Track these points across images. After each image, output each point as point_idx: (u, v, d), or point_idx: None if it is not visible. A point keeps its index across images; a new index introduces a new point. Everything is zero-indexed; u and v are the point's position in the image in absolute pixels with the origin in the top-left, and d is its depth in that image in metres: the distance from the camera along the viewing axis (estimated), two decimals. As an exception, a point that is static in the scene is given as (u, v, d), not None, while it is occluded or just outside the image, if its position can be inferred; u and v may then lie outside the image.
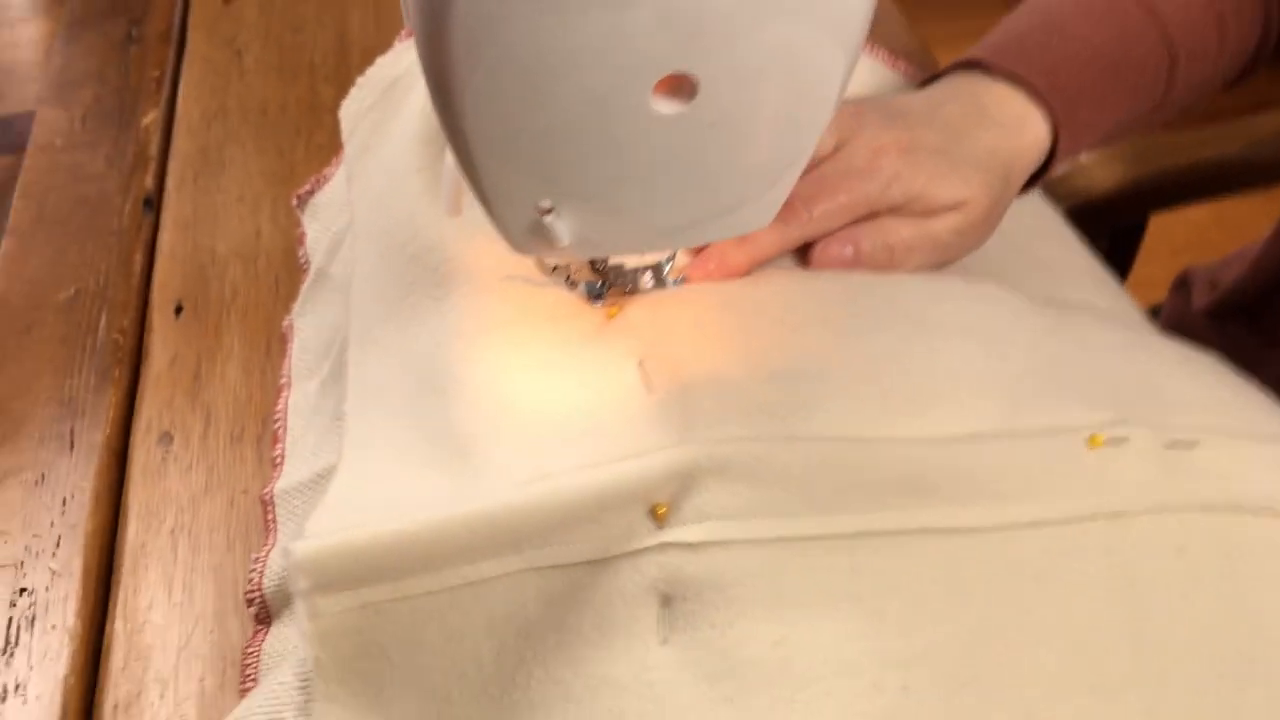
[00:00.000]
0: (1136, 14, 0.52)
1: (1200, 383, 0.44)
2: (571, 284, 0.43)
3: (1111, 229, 0.89)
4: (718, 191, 0.33)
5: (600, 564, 0.35)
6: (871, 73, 0.59)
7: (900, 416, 0.37)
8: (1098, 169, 0.84)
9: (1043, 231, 0.55)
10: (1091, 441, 0.38)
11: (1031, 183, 0.51)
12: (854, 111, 0.47)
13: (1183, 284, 0.75)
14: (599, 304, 0.42)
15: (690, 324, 0.40)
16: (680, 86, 0.29)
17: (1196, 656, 0.36)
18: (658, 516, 0.35)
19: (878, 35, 0.70)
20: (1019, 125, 0.48)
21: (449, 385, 0.41)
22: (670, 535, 0.34)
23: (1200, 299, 0.68)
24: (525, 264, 0.42)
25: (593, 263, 0.41)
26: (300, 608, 0.34)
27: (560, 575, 0.35)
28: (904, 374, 0.39)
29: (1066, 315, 0.45)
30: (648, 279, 0.43)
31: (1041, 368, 0.41)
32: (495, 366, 0.40)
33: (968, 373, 0.39)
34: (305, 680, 0.37)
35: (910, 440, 0.36)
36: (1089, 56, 0.50)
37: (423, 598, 0.35)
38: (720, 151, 0.31)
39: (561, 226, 0.32)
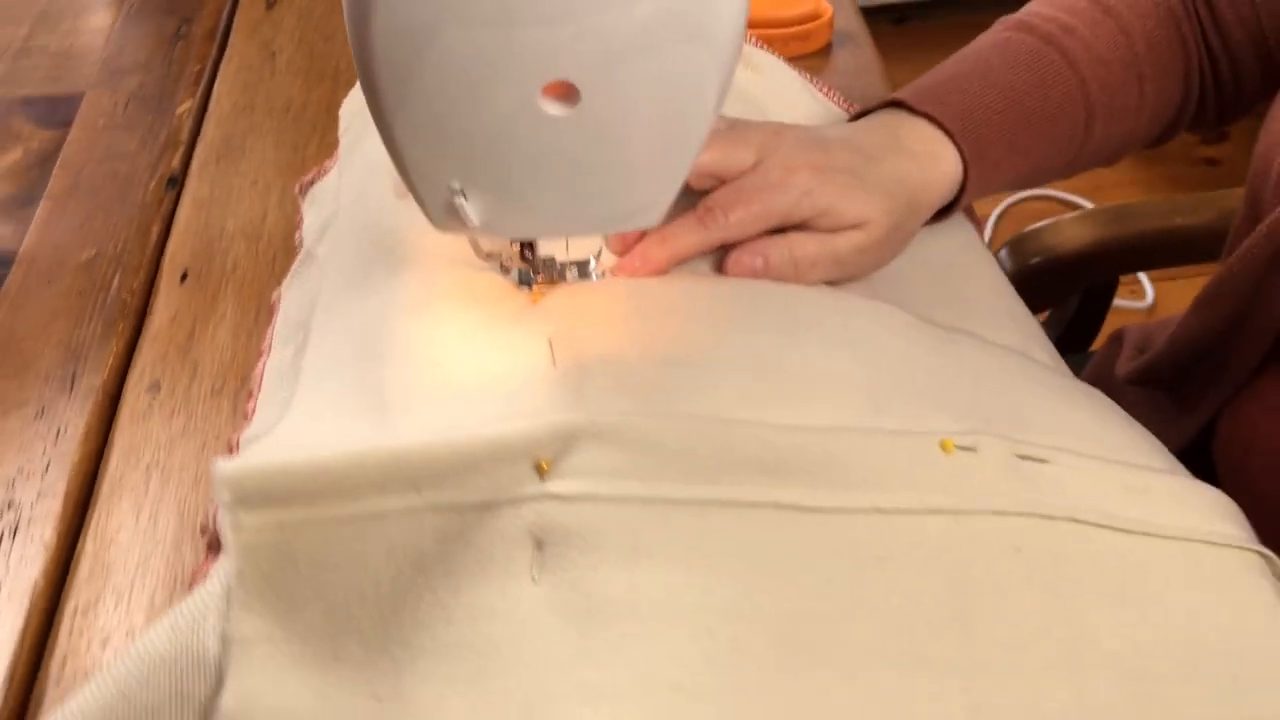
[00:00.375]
0: (1059, 68, 0.56)
1: (1071, 411, 0.47)
2: (504, 270, 0.48)
3: (1083, 286, 0.93)
4: (603, 188, 0.38)
5: (487, 508, 0.39)
6: (826, 114, 0.64)
7: (769, 406, 0.42)
8: (1070, 228, 0.88)
9: (971, 272, 0.59)
10: (944, 446, 0.42)
11: (942, 214, 0.56)
12: (775, 131, 0.52)
13: (1115, 340, 0.78)
14: (527, 290, 0.48)
15: (600, 312, 0.45)
16: (567, 92, 0.35)
17: (1019, 649, 0.39)
18: (541, 471, 0.39)
19: (860, 92, 0.75)
20: (931, 159, 0.53)
21: (386, 350, 0.46)
22: (548, 487, 0.39)
23: (1124, 364, 0.71)
24: (467, 250, 0.48)
25: (523, 253, 0.47)
26: (225, 520, 0.40)
27: (453, 515, 0.40)
28: (779, 370, 0.43)
29: (954, 339, 0.50)
30: (574, 273, 0.48)
31: (911, 379, 0.45)
32: (425, 336, 0.46)
33: (838, 375, 0.44)
34: (228, 590, 0.42)
35: (773, 426, 0.41)
36: (1005, 104, 0.54)
37: (332, 523, 0.40)
38: (602, 152, 0.36)
39: (470, 208, 0.38)
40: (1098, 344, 0.97)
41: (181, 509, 0.53)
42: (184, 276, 0.64)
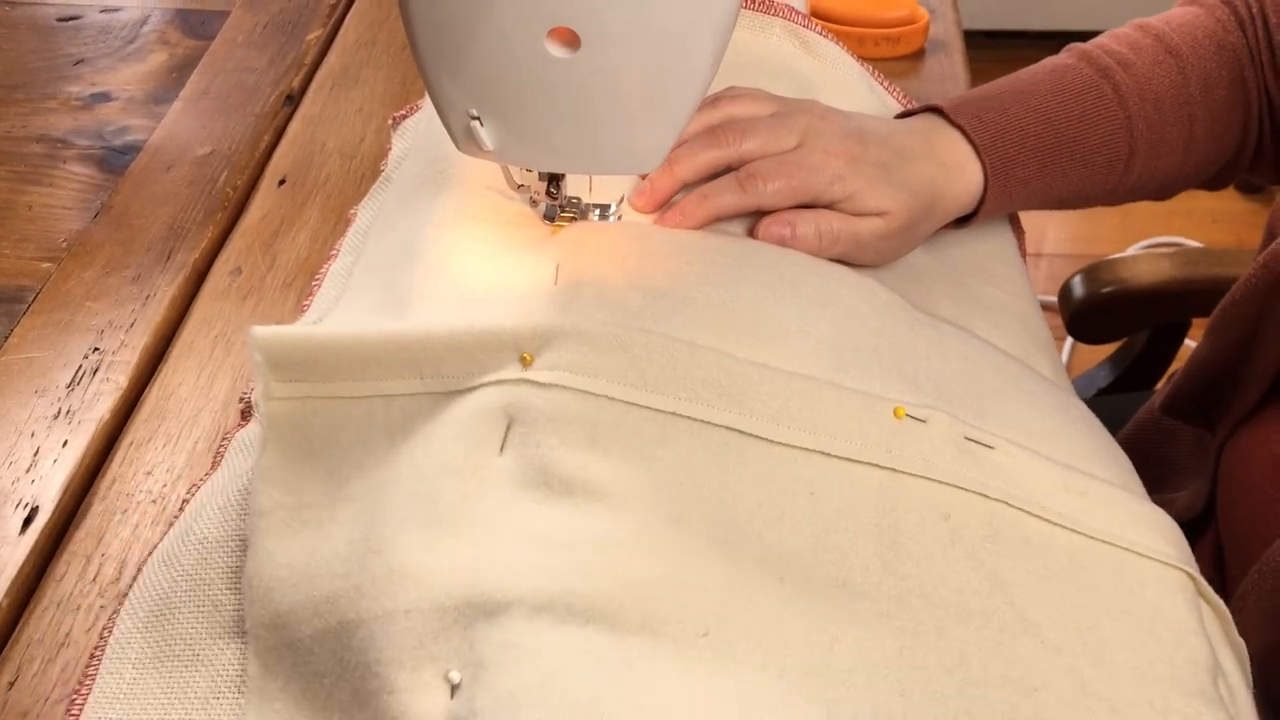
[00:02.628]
0: (1107, 102, 0.58)
1: (1034, 412, 0.50)
2: (533, 203, 0.53)
3: (1153, 322, 0.92)
4: (601, 130, 0.42)
5: (474, 390, 0.44)
6: (880, 106, 0.67)
7: (739, 342, 0.46)
8: (1146, 263, 0.88)
9: (993, 277, 0.62)
10: (896, 412, 0.45)
11: (963, 221, 0.58)
12: (821, 115, 0.55)
13: (1172, 380, 0.78)
14: (550, 224, 0.53)
15: (606, 246, 0.50)
16: (569, 38, 0.39)
17: (940, 598, 0.42)
18: (524, 361, 0.44)
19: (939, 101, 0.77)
20: (957, 170, 0.56)
21: (416, 259, 0.52)
22: (528, 374, 0.44)
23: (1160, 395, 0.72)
24: (501, 181, 0.53)
25: (549, 189, 0.52)
26: (258, 389, 0.46)
27: (444, 401, 0.45)
28: (754, 315, 0.47)
29: (939, 325, 0.52)
30: (596, 214, 0.53)
31: (878, 348, 0.48)
32: (451, 248, 0.51)
33: (808, 331, 0.47)
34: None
35: (738, 359, 0.45)
36: (1041, 128, 0.56)
37: (345, 401, 0.45)
38: (601, 96, 0.41)
39: (485, 134, 0.43)
40: (1163, 383, 0.97)
41: (235, 377, 0.60)
42: (281, 181, 0.72)
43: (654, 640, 0.38)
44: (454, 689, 0.38)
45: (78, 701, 0.45)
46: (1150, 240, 1.83)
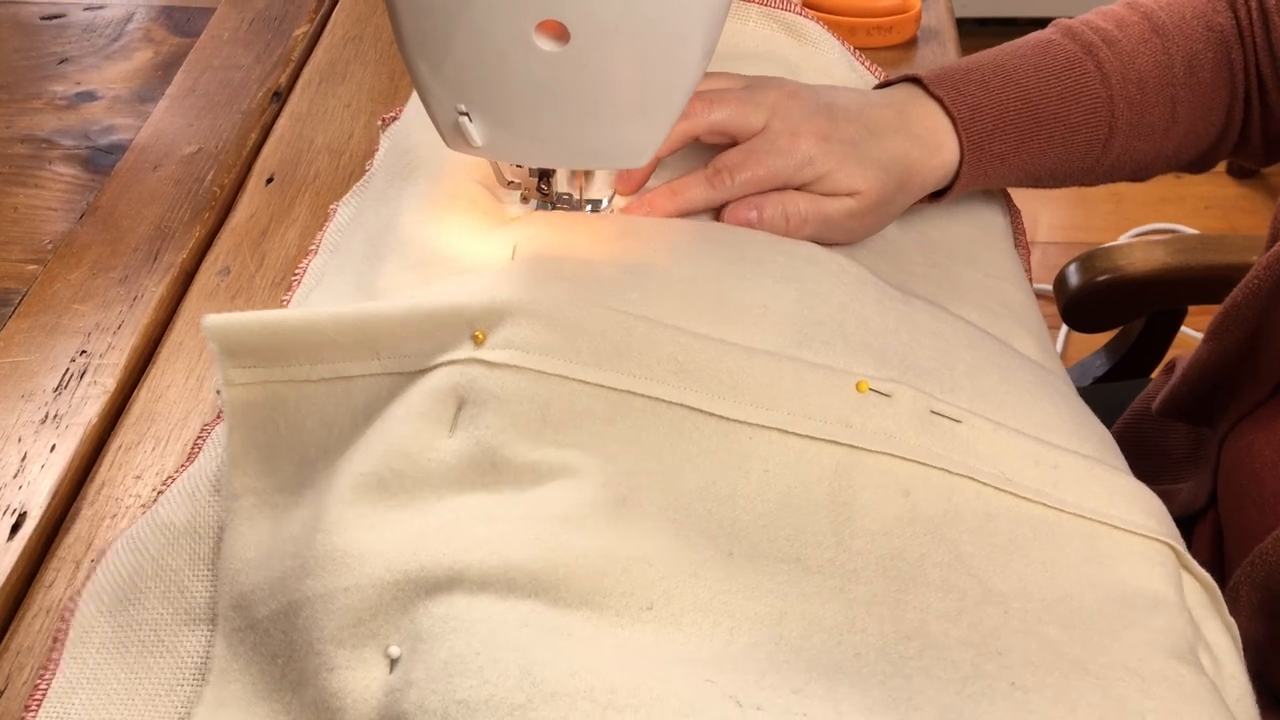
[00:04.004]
0: (1089, 79, 0.57)
1: (1007, 387, 0.49)
2: (524, 200, 0.52)
3: (1149, 310, 0.92)
4: (591, 125, 0.42)
5: (426, 371, 0.44)
6: (860, 83, 0.66)
7: (698, 319, 0.45)
8: (1141, 250, 0.88)
9: (973, 256, 0.61)
10: (859, 386, 0.45)
11: (937, 197, 0.57)
12: (790, 93, 0.54)
13: (1169, 370, 0.77)
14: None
15: (565, 227, 0.49)
16: (558, 31, 0.39)
17: (897, 570, 0.41)
18: (477, 340, 0.43)
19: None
20: (933, 142, 0.55)
21: (383, 251, 0.52)
22: (479, 353, 0.43)
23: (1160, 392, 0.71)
24: (480, 174, 0.53)
25: (539, 185, 0.51)
26: (219, 377, 0.45)
27: (404, 380, 0.44)
28: (715, 291, 0.46)
29: (910, 301, 0.51)
30: (588, 210, 0.52)
31: (844, 323, 0.47)
32: (414, 238, 0.51)
33: (770, 306, 0.46)
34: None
35: (696, 335, 0.44)
36: (1021, 103, 0.56)
37: (305, 385, 0.45)
38: (590, 90, 0.40)
39: (473, 129, 0.42)
40: (1159, 371, 0.96)
41: (225, 378, 0.59)
42: (269, 180, 0.71)
43: (597, 613, 0.38)
44: (393, 663, 0.38)
45: (40, 687, 0.45)
46: (1144, 227, 1.83)
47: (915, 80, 0.57)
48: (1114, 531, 0.44)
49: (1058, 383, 0.52)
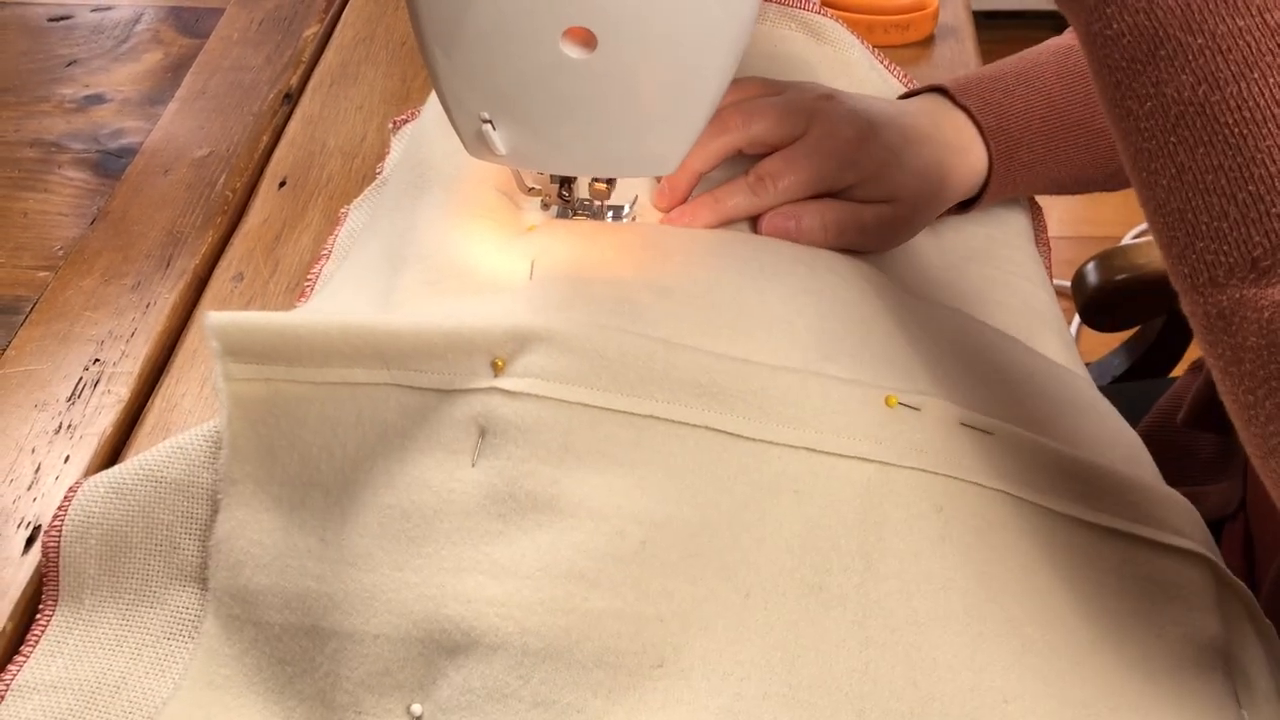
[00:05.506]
0: None
1: (1043, 395, 0.48)
2: (545, 206, 0.52)
3: (1168, 309, 0.91)
4: (618, 132, 0.41)
5: (445, 394, 0.43)
6: (885, 87, 0.66)
7: (719, 337, 0.44)
8: (1158, 249, 0.87)
9: (994, 259, 0.60)
10: (888, 401, 0.44)
11: (966, 205, 0.57)
12: (827, 97, 0.54)
13: (1195, 369, 0.76)
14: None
15: (583, 241, 0.49)
16: (586, 38, 0.38)
17: (920, 597, 0.41)
18: (496, 367, 0.43)
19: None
20: (962, 152, 0.54)
21: (398, 262, 0.51)
22: (499, 382, 0.42)
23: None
24: (500, 182, 0.52)
25: (560, 192, 0.50)
26: (217, 370, 0.44)
27: (415, 395, 0.43)
28: (735, 306, 0.45)
29: (934, 309, 0.51)
30: (609, 216, 0.51)
31: (869, 335, 0.46)
32: (431, 249, 0.50)
33: (793, 320, 0.45)
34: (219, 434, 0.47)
35: (718, 355, 0.43)
36: (1047, 110, 0.55)
37: (309, 387, 0.44)
38: (617, 97, 0.39)
39: (497, 137, 0.41)
40: (1179, 370, 0.95)
41: (241, 386, 0.58)
42: (282, 183, 0.70)
43: (609, 674, 0.39)
44: None
45: (40, 621, 0.46)
46: (1154, 222, 1.81)
47: (941, 90, 0.56)
48: (1150, 546, 0.43)
49: (1084, 386, 0.51)
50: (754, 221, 0.53)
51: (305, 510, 0.43)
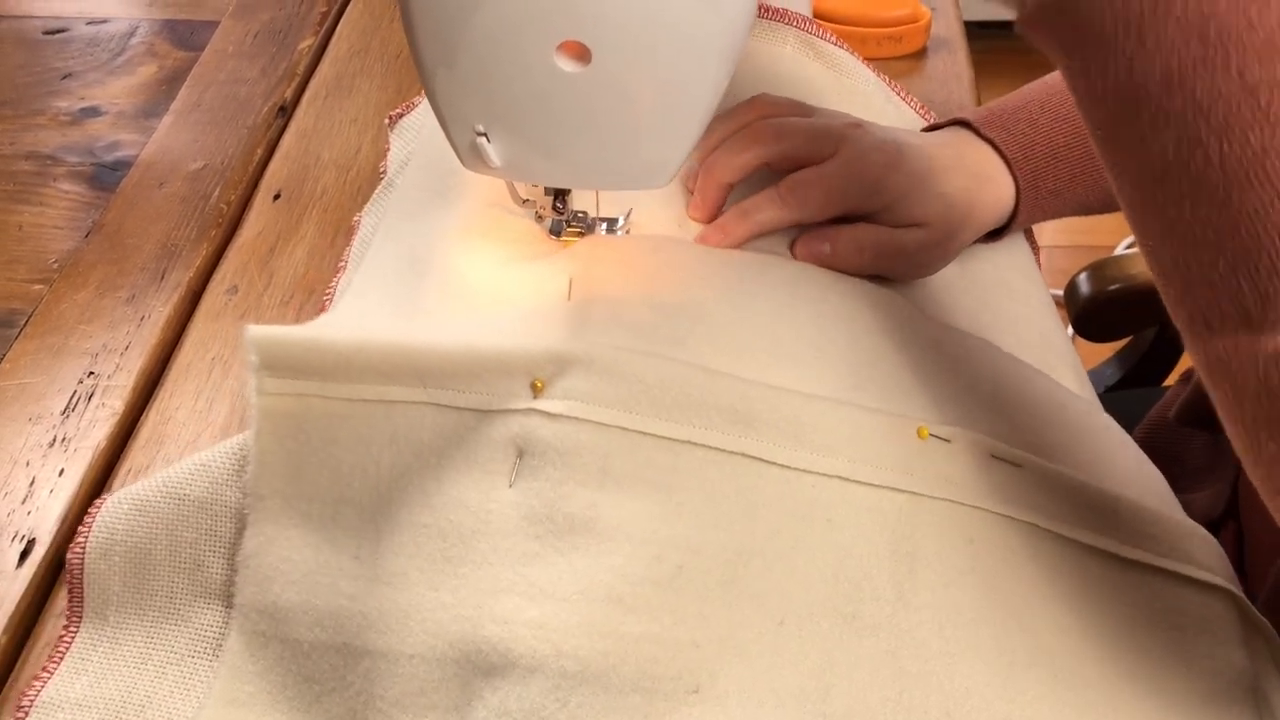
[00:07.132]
0: None
1: (1069, 429, 0.48)
2: (539, 218, 0.52)
3: (1161, 318, 0.91)
4: (612, 144, 0.41)
5: (483, 414, 0.43)
6: (900, 118, 0.66)
7: (753, 363, 0.45)
8: (1153, 259, 0.87)
9: (1013, 290, 0.60)
10: (919, 432, 0.44)
11: (995, 235, 0.57)
12: (857, 124, 0.54)
13: (1185, 379, 0.77)
14: (557, 239, 0.51)
15: (619, 260, 0.49)
16: (580, 51, 0.38)
17: (952, 626, 0.41)
18: (536, 389, 0.43)
19: (944, 99, 0.76)
20: (989, 182, 0.55)
21: (424, 271, 0.51)
22: (538, 404, 0.43)
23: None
24: (506, 198, 0.52)
25: (555, 204, 0.50)
26: (250, 383, 0.44)
27: (452, 415, 0.43)
28: (770, 333, 0.46)
29: (965, 340, 0.51)
30: (603, 229, 0.52)
31: (900, 364, 0.47)
32: (462, 262, 0.50)
33: (825, 347, 0.46)
34: (247, 449, 0.47)
35: (753, 382, 0.44)
36: (1071, 137, 0.56)
37: (342, 402, 0.44)
38: (612, 111, 0.40)
39: (491, 150, 0.42)
40: (1171, 379, 0.96)
41: (234, 400, 0.58)
42: (276, 196, 0.70)
43: (646, 699, 0.39)
44: None
45: (65, 639, 0.46)
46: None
47: (964, 123, 0.57)
48: (1177, 580, 0.43)
49: (1104, 418, 0.51)
50: (790, 246, 0.53)
51: (337, 527, 0.43)
